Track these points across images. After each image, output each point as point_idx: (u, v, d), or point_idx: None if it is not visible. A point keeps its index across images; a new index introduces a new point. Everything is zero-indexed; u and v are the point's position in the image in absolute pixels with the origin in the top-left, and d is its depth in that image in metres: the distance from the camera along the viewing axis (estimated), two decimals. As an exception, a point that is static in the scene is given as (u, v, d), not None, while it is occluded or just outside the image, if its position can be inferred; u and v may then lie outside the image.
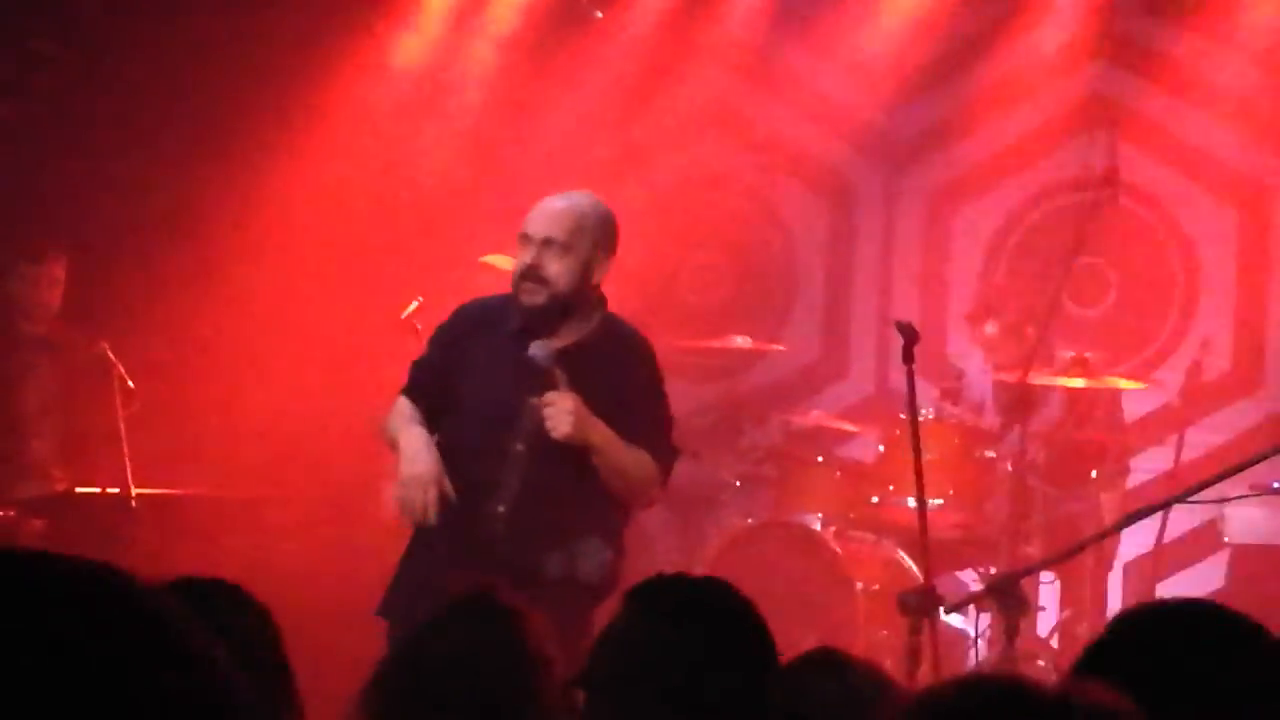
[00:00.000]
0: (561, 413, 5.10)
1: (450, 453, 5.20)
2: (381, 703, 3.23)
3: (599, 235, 5.26)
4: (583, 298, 5.26)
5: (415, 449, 5.18)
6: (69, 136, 8.32)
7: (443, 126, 9.01)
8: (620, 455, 5.18)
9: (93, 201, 8.30)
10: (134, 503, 7.08)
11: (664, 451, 5.31)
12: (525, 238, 5.22)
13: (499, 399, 5.18)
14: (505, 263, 5.53)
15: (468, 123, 9.09)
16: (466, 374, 5.28)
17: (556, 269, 5.18)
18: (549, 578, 5.05)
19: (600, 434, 5.15)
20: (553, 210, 5.26)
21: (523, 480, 5.12)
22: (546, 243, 5.18)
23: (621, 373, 5.25)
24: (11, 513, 6.88)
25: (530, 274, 5.18)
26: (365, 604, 5.26)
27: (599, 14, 9.55)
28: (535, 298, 5.18)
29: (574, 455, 5.13)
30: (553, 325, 5.22)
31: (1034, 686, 1.42)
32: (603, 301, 5.36)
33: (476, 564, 5.02)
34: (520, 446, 5.14)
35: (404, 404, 5.37)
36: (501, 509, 5.12)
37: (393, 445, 5.31)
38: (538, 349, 5.16)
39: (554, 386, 5.14)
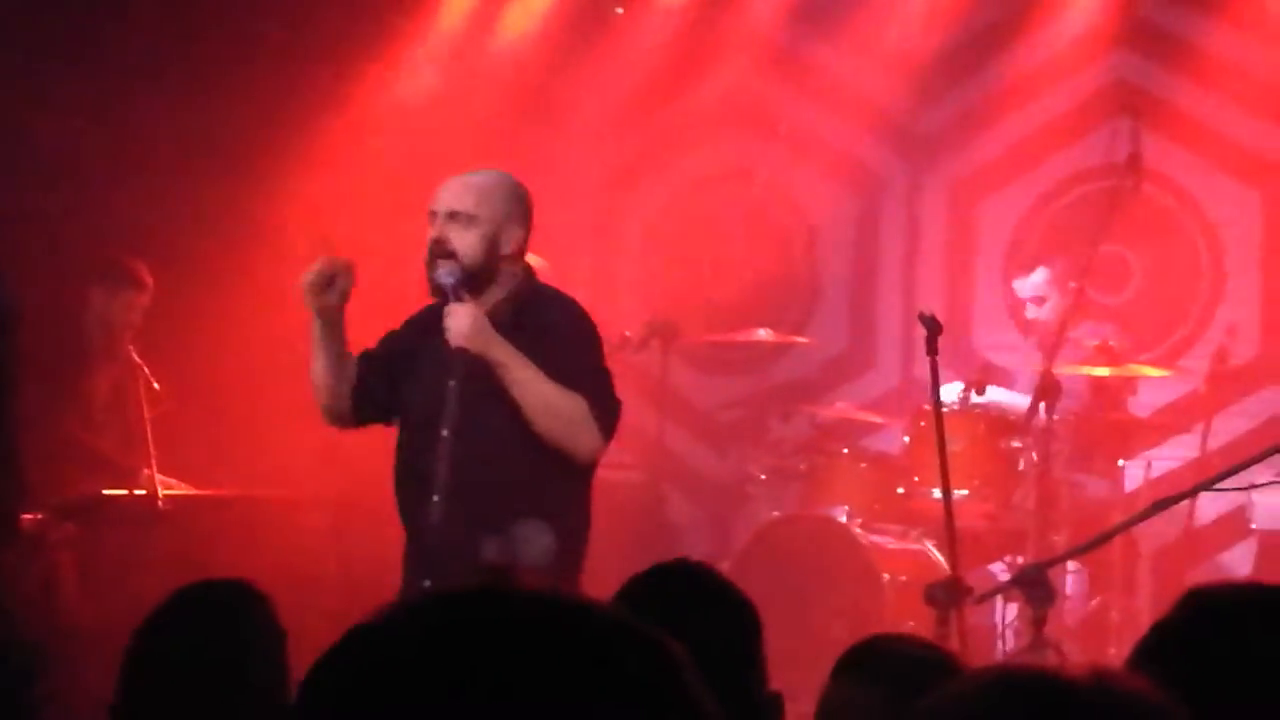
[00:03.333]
0: (458, 319, 5.01)
1: (398, 457, 5.24)
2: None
3: (508, 206, 5.20)
4: (495, 268, 5.19)
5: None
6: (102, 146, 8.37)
7: (465, 126, 9.02)
8: (536, 379, 5.03)
9: (123, 202, 8.35)
10: (161, 504, 7.13)
11: (599, 397, 5.12)
12: (431, 214, 5.18)
13: (432, 395, 5.11)
14: (534, 260, 5.51)
15: (490, 121, 9.10)
16: (407, 381, 5.26)
17: (462, 241, 5.12)
18: (489, 566, 4.94)
19: (506, 352, 5.03)
20: (457, 185, 5.22)
21: (452, 466, 5.01)
22: (451, 216, 5.13)
23: (546, 328, 5.15)
24: (42, 516, 6.92)
25: (437, 249, 5.12)
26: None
27: (620, 10, 9.57)
28: (450, 276, 5.12)
29: (501, 433, 5.04)
30: (479, 294, 5.14)
31: (1067, 677, 1.41)
32: (528, 271, 5.30)
33: (424, 559, 5.06)
34: (445, 432, 5.04)
35: None
36: (436, 499, 5.03)
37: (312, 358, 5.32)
38: (442, 271, 5.10)
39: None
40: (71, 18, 8.32)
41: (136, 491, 7.24)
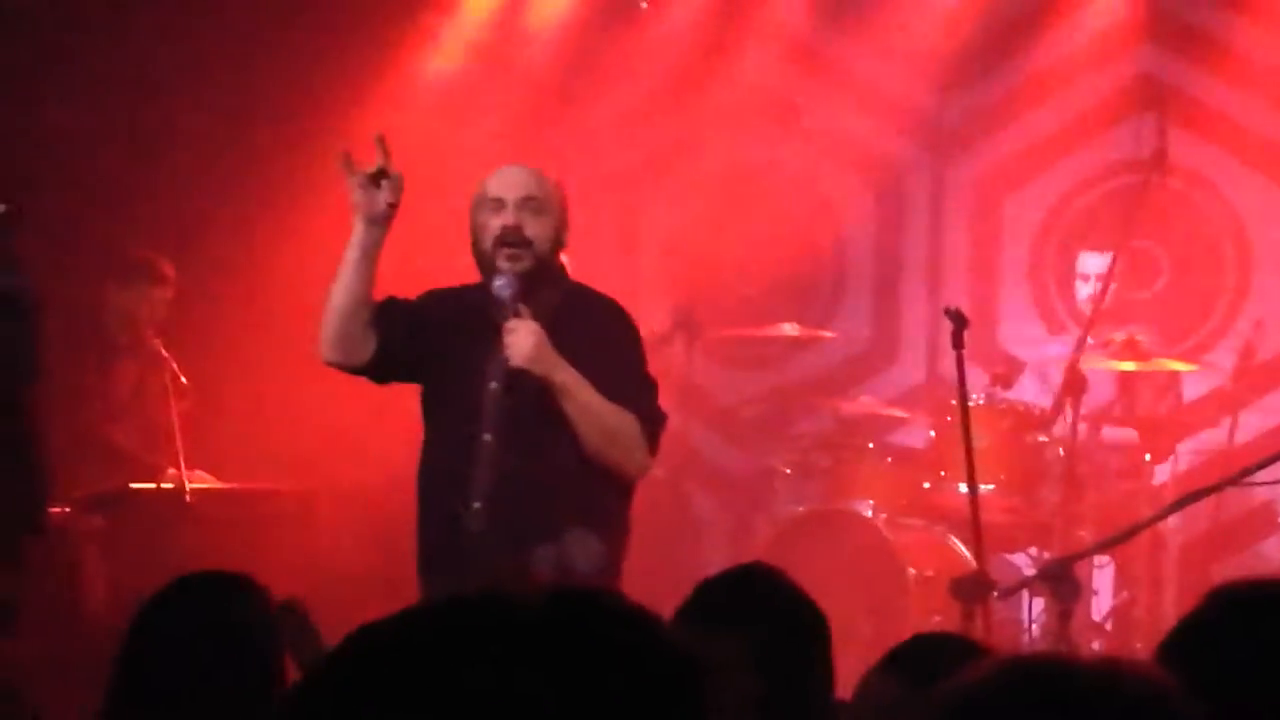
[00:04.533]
0: (521, 337, 4.80)
1: (429, 454, 5.05)
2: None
3: (562, 200, 5.04)
4: (556, 264, 5.06)
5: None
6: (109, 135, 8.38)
7: (489, 120, 9.02)
8: (594, 402, 4.82)
9: (143, 195, 8.37)
10: (189, 498, 7.14)
11: (649, 413, 4.94)
12: (497, 201, 4.95)
13: (469, 394, 4.93)
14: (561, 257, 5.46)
15: (514, 116, 9.10)
16: (439, 368, 5.03)
17: (536, 229, 4.93)
18: (538, 575, 4.68)
19: (566, 373, 4.81)
20: (520, 172, 5.04)
21: (496, 472, 4.84)
22: (525, 201, 4.92)
23: (596, 334, 4.95)
24: (69, 509, 6.94)
25: (511, 236, 4.89)
26: (415, 596, 5.22)
27: (644, 4, 9.56)
28: (521, 263, 4.90)
29: (548, 440, 4.85)
30: (535, 292, 4.92)
31: (1077, 663, 1.42)
32: (565, 271, 5.17)
33: (461, 566, 4.80)
34: (487, 436, 4.87)
35: None
36: (478, 505, 4.85)
37: (340, 275, 5.04)
38: (500, 284, 4.87)
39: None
40: (90, 9, 8.34)
41: (163, 485, 7.25)
